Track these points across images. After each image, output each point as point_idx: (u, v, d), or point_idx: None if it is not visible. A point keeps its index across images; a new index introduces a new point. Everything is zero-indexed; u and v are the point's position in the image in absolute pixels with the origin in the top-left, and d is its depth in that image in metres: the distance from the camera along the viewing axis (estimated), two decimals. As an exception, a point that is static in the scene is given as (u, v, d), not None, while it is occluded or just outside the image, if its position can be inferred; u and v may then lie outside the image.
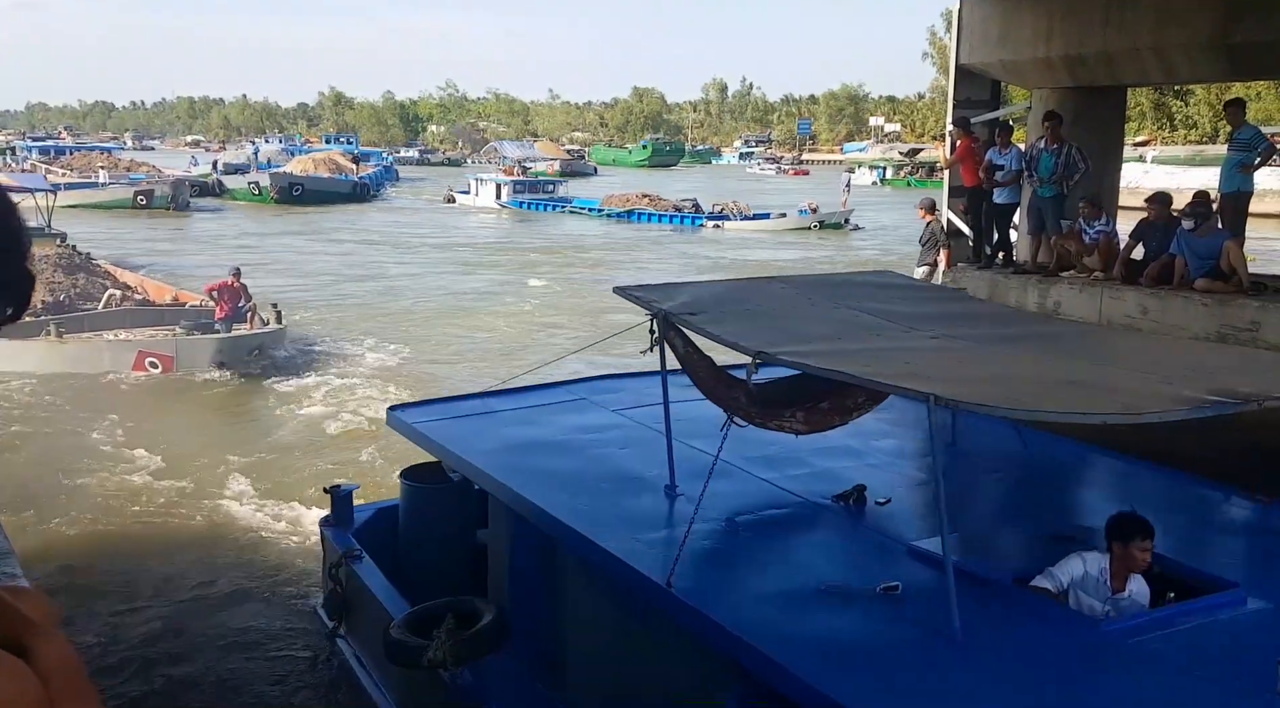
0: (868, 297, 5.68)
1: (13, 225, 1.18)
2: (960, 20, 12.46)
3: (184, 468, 11.31)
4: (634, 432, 6.02)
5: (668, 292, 5.37)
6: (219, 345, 14.76)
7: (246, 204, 47.07)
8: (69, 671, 1.22)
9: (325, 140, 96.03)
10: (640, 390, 6.73)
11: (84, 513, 10.18)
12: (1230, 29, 9.69)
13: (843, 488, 5.10)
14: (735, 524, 4.79)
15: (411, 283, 25.54)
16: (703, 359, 4.99)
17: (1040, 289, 10.70)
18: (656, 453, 5.31)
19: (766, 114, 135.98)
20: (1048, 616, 3.97)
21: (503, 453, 5.68)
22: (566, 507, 4.88)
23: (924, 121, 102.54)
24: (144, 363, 14.49)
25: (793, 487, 5.23)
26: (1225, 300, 9.22)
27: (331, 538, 7.02)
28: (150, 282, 19.80)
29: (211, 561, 9.26)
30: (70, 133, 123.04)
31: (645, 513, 4.95)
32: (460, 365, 16.59)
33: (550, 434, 6.01)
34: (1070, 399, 3.95)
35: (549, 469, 5.42)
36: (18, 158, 61.63)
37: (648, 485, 5.20)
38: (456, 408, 6.72)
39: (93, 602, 8.31)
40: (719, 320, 4.85)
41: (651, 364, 5.33)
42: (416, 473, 6.75)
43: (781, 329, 4.86)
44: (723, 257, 31.58)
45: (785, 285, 5.98)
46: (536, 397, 6.89)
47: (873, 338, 4.85)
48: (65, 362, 14.49)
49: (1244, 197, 10.25)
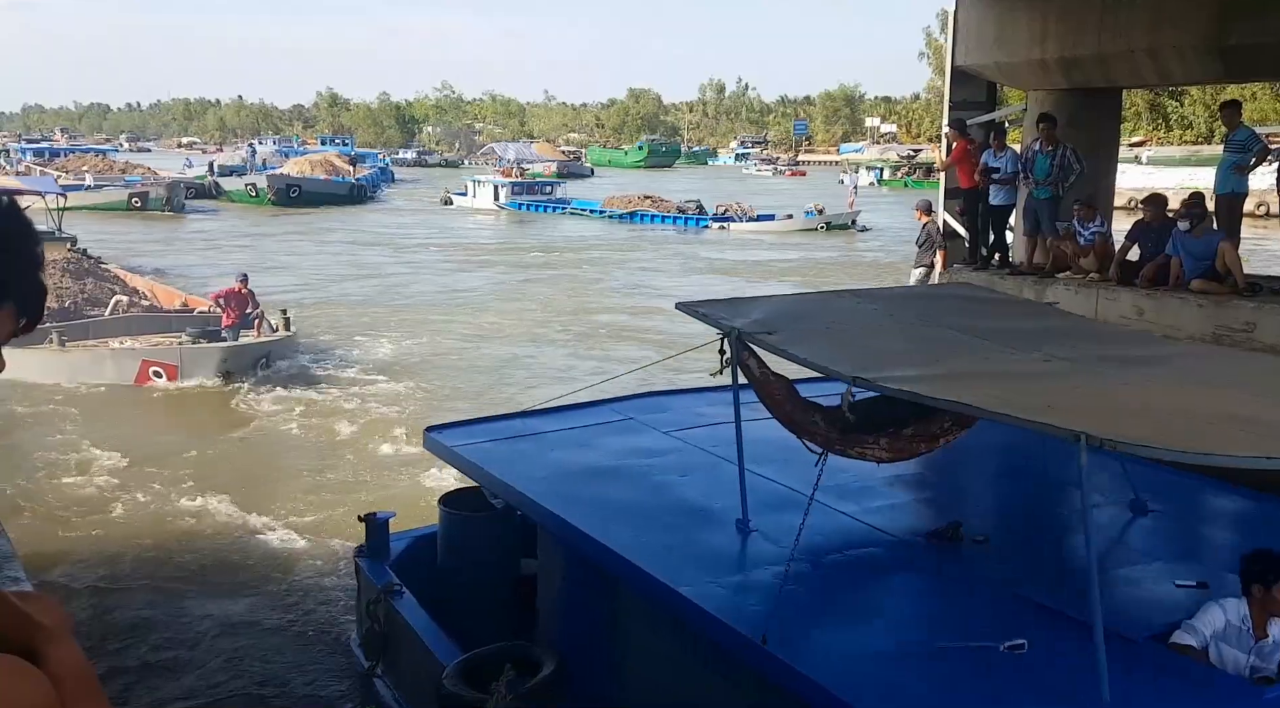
0: (953, 312, 5.25)
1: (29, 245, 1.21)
2: (956, 22, 12.49)
3: (194, 487, 10.82)
4: (691, 457, 5.62)
5: (736, 308, 5.01)
6: (224, 354, 14.36)
7: (243, 206, 46.95)
8: (80, 675, 1.24)
9: (321, 141, 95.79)
10: (688, 409, 6.42)
11: (89, 534, 9.71)
12: (1224, 31, 9.73)
13: (932, 523, 4.62)
14: (823, 566, 4.31)
15: (418, 286, 25.30)
16: (779, 381, 4.63)
17: (1036, 290, 10.72)
18: (720, 481, 4.92)
19: (763, 115, 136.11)
20: (1200, 680, 3.55)
21: (553, 481, 5.30)
22: (631, 543, 4.47)
23: (920, 122, 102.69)
24: (148, 373, 14.14)
25: (878, 522, 4.77)
26: (1221, 301, 9.25)
27: (367, 571, 6.60)
28: (160, 287, 19.41)
29: (232, 588, 8.77)
30: (66, 135, 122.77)
31: (719, 552, 4.51)
32: (478, 374, 16.14)
33: (601, 459, 5.64)
34: (1246, 439, 3.42)
35: (605, 499, 5.04)
36: (11, 160, 61.51)
37: (716, 519, 4.75)
38: (497, 429, 6.34)
39: (102, 635, 7.77)
40: (798, 340, 4.47)
41: (696, 381, 5.13)
42: (456, 499, 6.35)
43: (867, 349, 4.50)
44: (736, 258, 31.40)
45: (860, 300, 5.60)
46: (581, 416, 6.49)
47: (975, 359, 4.44)
48: (67, 371, 14.15)
49: (1239, 198, 10.30)
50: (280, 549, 9.50)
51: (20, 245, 1.19)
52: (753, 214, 41.11)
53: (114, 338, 15.51)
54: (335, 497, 10.56)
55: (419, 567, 6.48)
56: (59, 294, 16.57)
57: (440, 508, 6.37)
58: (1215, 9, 9.73)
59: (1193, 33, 9.99)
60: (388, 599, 6.12)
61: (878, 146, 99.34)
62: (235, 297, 15.19)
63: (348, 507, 9.89)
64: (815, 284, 25.39)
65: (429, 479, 10.54)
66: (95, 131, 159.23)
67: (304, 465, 11.71)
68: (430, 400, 14.42)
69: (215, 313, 15.66)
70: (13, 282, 1.18)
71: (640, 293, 24.55)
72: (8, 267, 1.17)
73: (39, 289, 1.22)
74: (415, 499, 10.17)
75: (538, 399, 13.71)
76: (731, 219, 40.37)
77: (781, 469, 4.79)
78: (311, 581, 8.90)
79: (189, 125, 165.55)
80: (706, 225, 40.56)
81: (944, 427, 4.57)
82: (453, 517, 6.26)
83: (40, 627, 1.23)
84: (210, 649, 7.71)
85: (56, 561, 9.05)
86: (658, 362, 8.74)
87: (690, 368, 16.22)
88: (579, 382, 14.47)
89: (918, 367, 4.14)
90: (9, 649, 1.18)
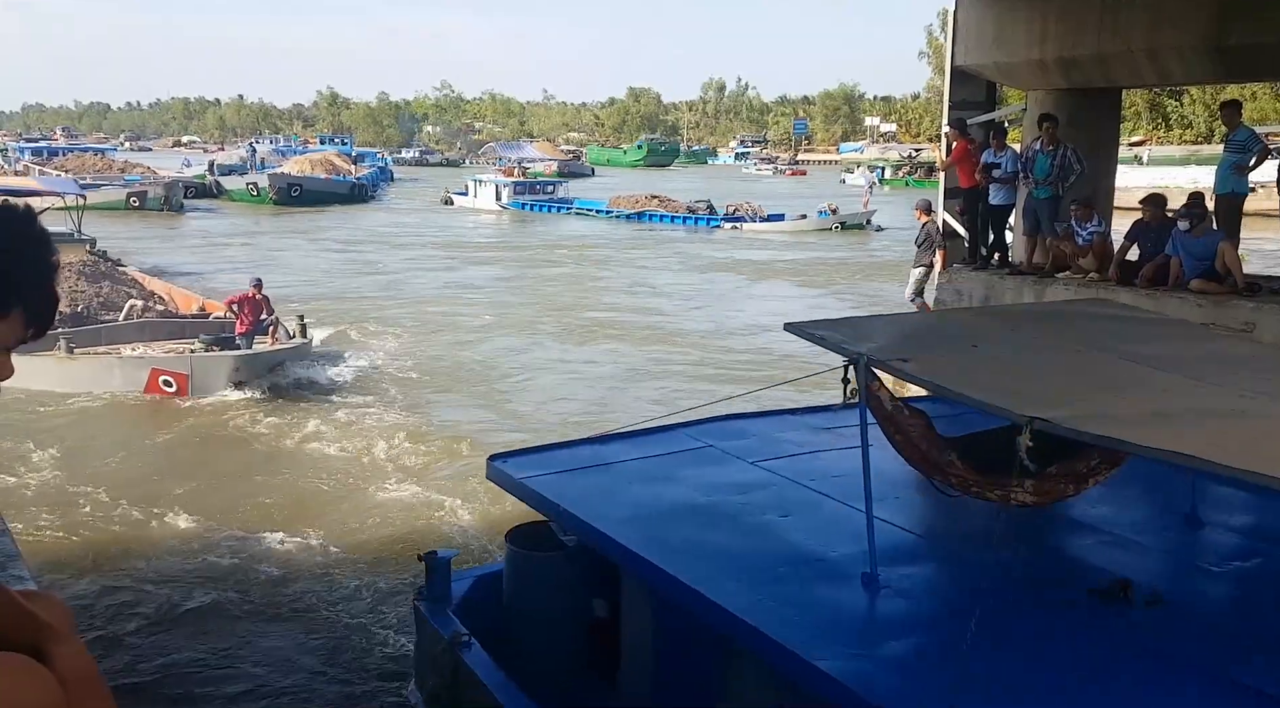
0: (1104, 334, 4.65)
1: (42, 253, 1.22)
2: (955, 22, 12.50)
3: (212, 513, 9.91)
4: (789, 493, 5.03)
5: (853, 328, 4.53)
6: (236, 363, 13.75)
7: (245, 205, 46.86)
8: (86, 675, 1.25)
9: (320, 141, 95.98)
10: (771, 436, 5.87)
11: (98, 564, 8.91)
12: (1223, 31, 9.74)
13: (1089, 577, 3.96)
14: (971, 630, 3.58)
15: (429, 287, 24.76)
16: (915, 416, 4.11)
17: (1035, 290, 10.75)
18: (828, 523, 4.50)
19: (762, 114, 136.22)
20: None
21: (639, 521, 4.78)
22: (743, 599, 3.90)
23: (920, 122, 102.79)
24: (157, 382, 13.55)
25: (1026, 576, 4.06)
26: (1220, 301, 9.27)
27: (429, 617, 6.00)
28: (178, 290, 18.82)
29: (255, 616, 7.97)
30: (67, 134, 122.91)
31: (852, 614, 3.90)
32: (511, 385, 15.31)
33: (688, 494, 5.10)
34: None
35: (700, 542, 4.51)
36: (9, 159, 61.51)
37: (837, 571, 4.13)
38: (566, 458, 5.83)
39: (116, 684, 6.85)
40: (937, 368, 3.97)
41: (772, 402, 4.59)
42: (522, 535, 5.82)
43: (1028, 381, 3.94)
44: (758, 258, 31.05)
45: (991, 318, 5.07)
46: (655, 443, 5.96)
47: (1161, 395, 3.82)
48: (75, 380, 13.57)
49: (1239, 198, 10.32)
50: (306, 580, 8.68)
51: (32, 253, 1.21)
52: (763, 214, 40.57)
53: (126, 344, 15.04)
54: (367, 521, 9.86)
55: (483, 609, 5.94)
56: (74, 298, 16.14)
57: (507, 546, 5.85)
58: (1214, 9, 9.74)
59: (1192, 33, 10.00)
60: (455, 651, 5.53)
61: (877, 146, 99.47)
62: (249, 302, 14.67)
63: (374, 528, 9.58)
64: (854, 285, 25.27)
65: (466, 503, 10.04)
66: (95, 131, 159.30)
67: (321, 484, 10.94)
68: (461, 409, 13.86)
69: (231, 319, 15.12)
70: (23, 288, 1.19)
71: (679, 297, 23.65)
72: (18, 274, 1.18)
73: (49, 297, 1.23)
74: (455, 525, 9.68)
75: (582, 415, 13.51)
76: (743, 219, 39.89)
77: (901, 511, 4.21)
78: (346, 619, 8.03)
79: (189, 124, 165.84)
80: (718, 225, 40.05)
81: (1091, 465, 4.09)
82: (522, 556, 5.71)
83: (46, 626, 1.24)
84: (240, 679, 7.19)
85: (59, 566, 8.77)
86: (774, 385, 8.06)
87: (735, 376, 15.05)
88: (636, 398, 14.26)
89: (1100, 404, 3.57)
90: (16, 649, 1.19)
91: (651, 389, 14.99)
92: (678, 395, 13.99)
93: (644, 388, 15.10)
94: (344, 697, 7.09)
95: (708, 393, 13.51)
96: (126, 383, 13.60)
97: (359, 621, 7.95)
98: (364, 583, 8.56)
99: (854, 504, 4.28)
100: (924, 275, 12.86)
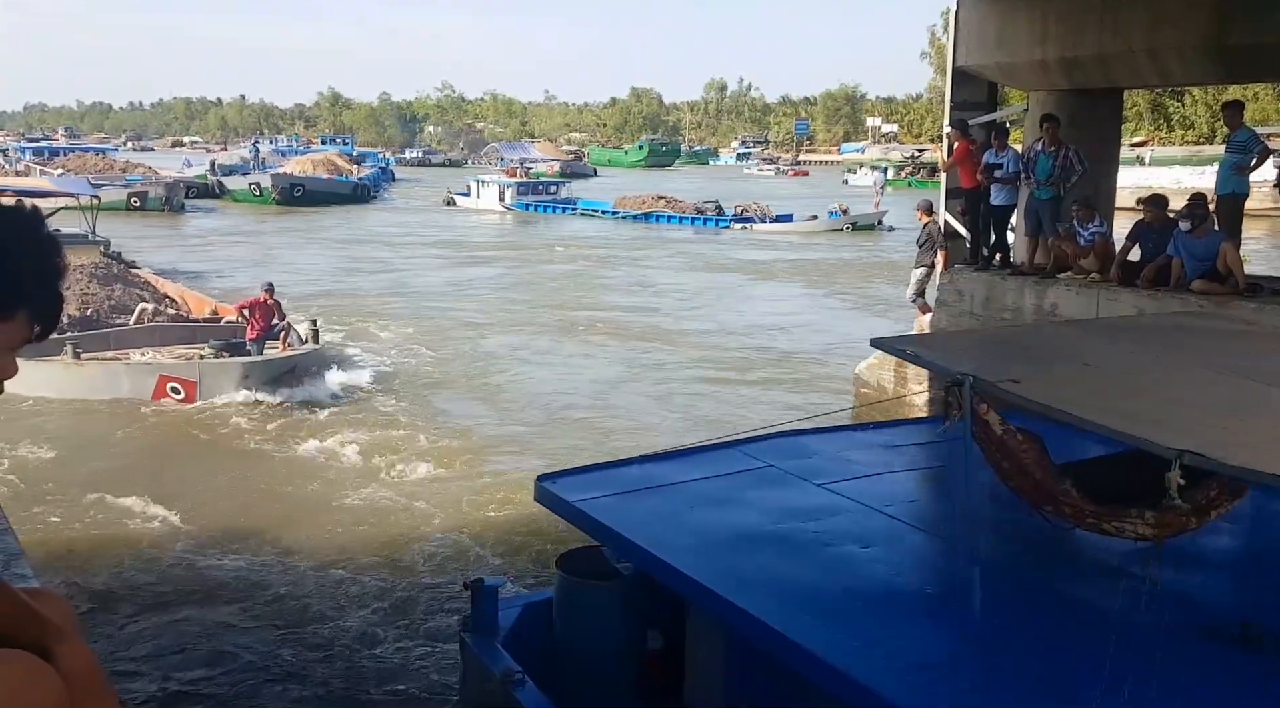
0: (1221, 349, 4.37)
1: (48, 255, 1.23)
2: (957, 23, 12.50)
3: (225, 527, 9.47)
4: (865, 520, 4.66)
5: (944, 345, 4.29)
6: (245, 369, 13.43)
7: (248, 206, 46.85)
8: (90, 674, 1.26)
9: (321, 141, 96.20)
10: (836, 455, 5.54)
11: (100, 566, 8.73)
12: (1224, 32, 9.74)
13: (1208, 616, 3.63)
14: (1090, 677, 3.27)
15: (440, 289, 24.42)
16: (1029, 441, 3.81)
17: (1037, 291, 10.75)
18: (914, 556, 4.21)
19: (764, 115, 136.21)
20: None
21: (705, 550, 4.48)
22: (831, 642, 3.59)
23: (921, 122, 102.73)
24: (165, 389, 13.27)
25: (1147, 617, 3.67)
26: (1221, 302, 9.26)
27: (477, 651, 5.57)
28: (190, 294, 18.64)
29: (286, 658, 7.40)
30: (69, 134, 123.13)
31: (949, 658, 3.60)
32: (534, 391, 14.88)
33: (755, 520, 4.77)
34: None
35: (775, 576, 4.17)
36: (10, 159, 61.55)
37: (931, 611, 3.83)
38: (619, 478, 5.50)
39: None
40: (1056, 391, 3.69)
41: (772, 404, 4.29)
42: (573, 561, 5.48)
43: (1154, 403, 3.67)
44: (776, 258, 30.95)
45: (1085, 331, 4.80)
46: (712, 463, 5.62)
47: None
48: (81, 386, 13.32)
49: (1240, 199, 10.31)
50: (331, 595, 8.26)
51: (38, 254, 1.22)
52: (771, 215, 40.44)
53: (136, 349, 14.75)
54: (388, 535, 9.33)
55: (532, 640, 5.59)
56: (84, 300, 15.99)
57: (558, 573, 5.50)
58: (1214, 9, 9.74)
59: (1192, 33, 10.00)
60: (507, 689, 5.14)
61: (878, 146, 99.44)
62: (260, 307, 14.39)
63: (402, 547, 9.15)
64: (877, 286, 25.11)
65: (503, 522, 9.61)
66: (97, 131, 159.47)
67: (341, 498, 10.42)
68: (483, 421, 13.40)
69: (242, 323, 14.85)
70: (28, 290, 1.20)
71: (704, 304, 23.09)
72: (23, 275, 1.19)
73: (55, 298, 1.24)
74: (492, 545, 9.16)
75: (621, 425, 13.20)
76: (752, 220, 39.74)
77: (994, 543, 3.91)
78: (373, 635, 7.64)
79: (190, 125, 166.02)
80: (727, 226, 39.85)
81: (1211, 496, 3.81)
82: (575, 584, 5.37)
83: (51, 625, 1.25)
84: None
85: (62, 566, 8.60)
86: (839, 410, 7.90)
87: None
88: (679, 409, 13.94)
89: (1243, 433, 3.31)
90: (20, 647, 1.19)
91: (701, 399, 14.58)
92: (729, 406, 13.78)
93: (688, 397, 14.74)
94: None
95: (768, 402, 13.53)
96: (134, 389, 13.36)
97: (395, 649, 7.46)
98: (395, 603, 8.07)
99: (938, 533, 4.05)
100: (925, 276, 12.86)
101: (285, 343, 14.44)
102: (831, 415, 7.83)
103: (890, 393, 12.67)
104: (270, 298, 14.49)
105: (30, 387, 12.76)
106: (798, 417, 6.22)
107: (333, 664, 7.25)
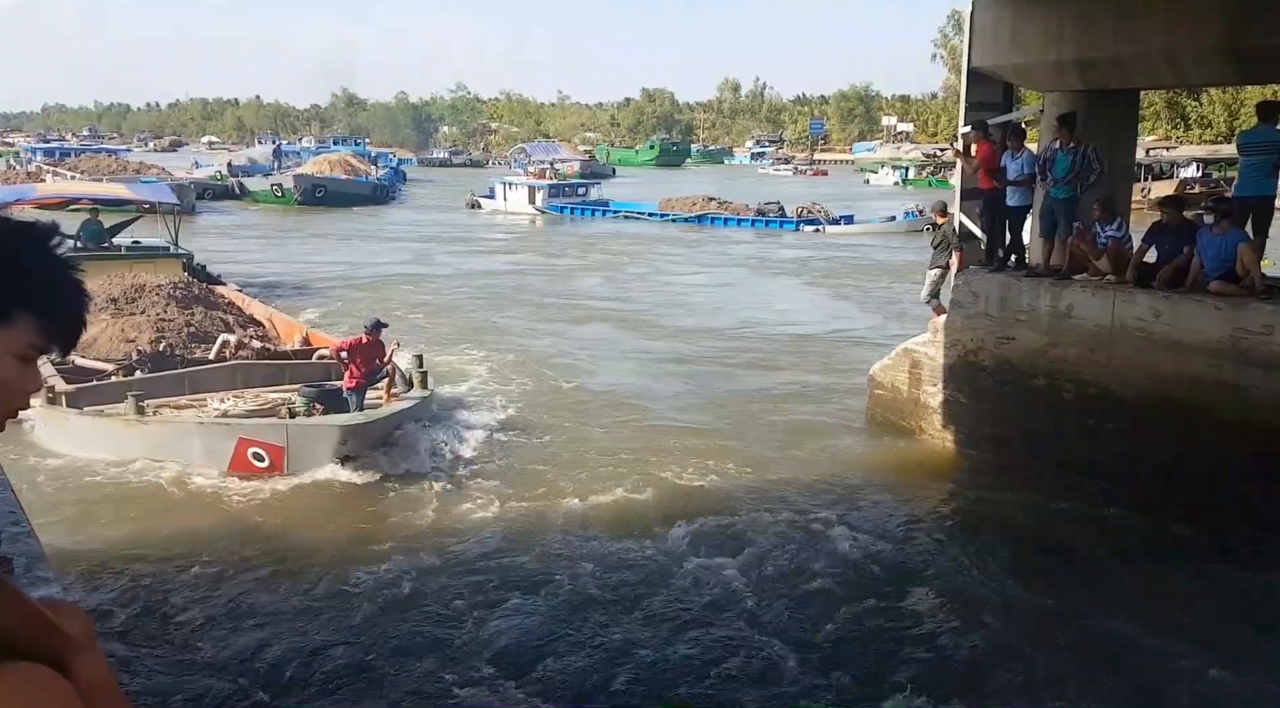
0: None
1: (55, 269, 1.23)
2: (972, 24, 12.44)
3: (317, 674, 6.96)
4: None
5: None
6: (344, 435, 10.67)
7: (269, 207, 46.34)
8: (106, 687, 1.27)
9: (333, 141, 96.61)
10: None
11: (125, 581, 7.81)
12: (1240, 33, 9.67)
13: None
14: None
15: (528, 306, 21.74)
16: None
17: (1053, 292, 10.71)
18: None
19: (779, 114, 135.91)
20: None
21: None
22: None
23: (936, 121, 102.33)
24: (246, 456, 10.68)
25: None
26: (1238, 304, 9.21)
27: None
28: (279, 317, 16.44)
29: None
30: (93, 135, 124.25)
31: None
32: (685, 441, 12.19)
33: None
34: None
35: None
36: (21, 160, 61.86)
37: None
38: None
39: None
40: None
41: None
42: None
43: None
44: (870, 261, 30.15)
45: None
46: None
47: None
48: (145, 447, 10.98)
49: (1267, 200, 10.18)
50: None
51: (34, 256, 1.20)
52: (833, 216, 39.36)
53: (213, 393, 12.51)
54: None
55: None
56: (160, 328, 13.99)
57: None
58: (1231, 11, 9.67)
59: (1209, 34, 9.93)
60: None
61: (890, 145, 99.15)
62: (362, 349, 11.66)
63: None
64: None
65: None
66: (115, 131, 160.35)
67: (485, 630, 7.55)
68: (659, 506, 10.13)
69: (336, 362, 12.31)
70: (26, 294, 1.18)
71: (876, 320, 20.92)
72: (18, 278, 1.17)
73: (68, 305, 1.23)
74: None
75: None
76: (819, 221, 38.68)
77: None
78: None
79: (206, 125, 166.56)
80: (794, 228, 38.68)
81: None
82: None
83: (67, 637, 1.26)
84: None
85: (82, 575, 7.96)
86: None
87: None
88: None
89: None
90: (37, 659, 1.20)
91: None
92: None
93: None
94: None
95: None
96: (208, 454, 10.84)
97: None
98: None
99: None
100: (940, 277, 12.81)
101: (389, 392, 11.92)
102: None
103: (905, 394, 12.63)
104: (374, 337, 11.82)
105: (84, 445, 11.13)
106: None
107: None
